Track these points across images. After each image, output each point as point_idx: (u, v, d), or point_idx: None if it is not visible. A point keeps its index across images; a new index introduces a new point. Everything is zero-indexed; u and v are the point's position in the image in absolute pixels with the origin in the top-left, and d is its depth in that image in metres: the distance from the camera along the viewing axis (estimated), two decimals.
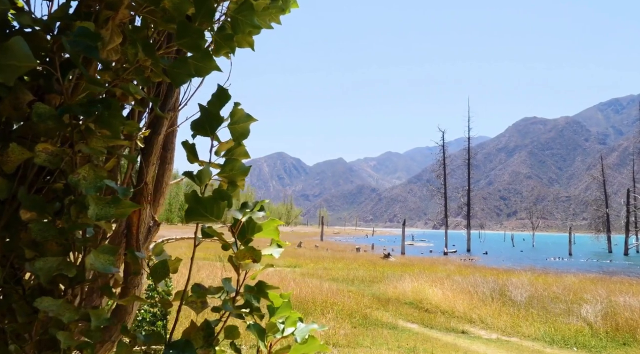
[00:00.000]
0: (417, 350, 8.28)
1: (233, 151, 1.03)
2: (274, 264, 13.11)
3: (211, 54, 1.02)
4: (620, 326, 10.79)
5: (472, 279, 17.37)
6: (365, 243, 64.20)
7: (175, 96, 1.36)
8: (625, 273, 29.20)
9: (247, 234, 0.97)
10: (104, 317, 0.88)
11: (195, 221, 0.94)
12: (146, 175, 1.30)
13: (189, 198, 0.91)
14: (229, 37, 1.06)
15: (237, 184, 1.03)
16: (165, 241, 2.14)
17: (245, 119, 1.04)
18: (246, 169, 1.04)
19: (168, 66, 0.98)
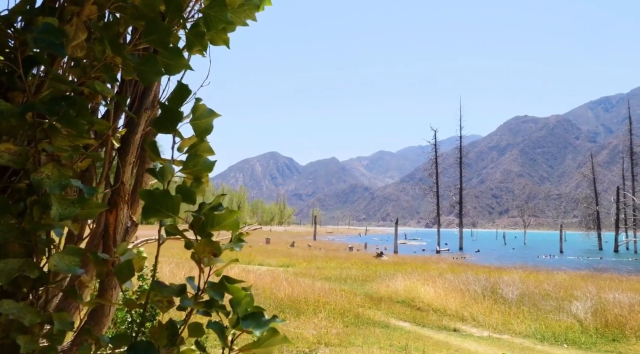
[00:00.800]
0: (408, 349, 8.29)
1: (197, 147, 1.01)
2: (268, 264, 13.30)
3: (181, 52, 1.01)
4: (609, 323, 10.87)
5: (464, 277, 17.43)
6: (358, 242, 64.27)
7: (153, 94, 1.34)
8: (615, 269, 29.45)
9: (206, 228, 0.95)
10: (68, 320, 0.86)
11: (152, 218, 0.92)
12: (123, 175, 1.28)
13: (143, 195, 0.90)
14: (200, 34, 1.04)
15: (202, 181, 1.01)
16: (144, 241, 2.12)
17: (207, 114, 1.02)
18: (210, 164, 1.02)
19: (136, 64, 0.96)
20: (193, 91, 1.56)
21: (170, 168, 0.96)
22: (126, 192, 1.30)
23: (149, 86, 1.30)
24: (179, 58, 0.99)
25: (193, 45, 1.06)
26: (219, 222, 0.96)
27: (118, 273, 0.93)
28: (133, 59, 0.96)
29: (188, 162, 0.99)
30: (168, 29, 0.94)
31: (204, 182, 1.02)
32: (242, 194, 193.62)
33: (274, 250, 36.12)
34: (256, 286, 13.74)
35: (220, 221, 0.96)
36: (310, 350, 8.09)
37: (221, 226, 0.97)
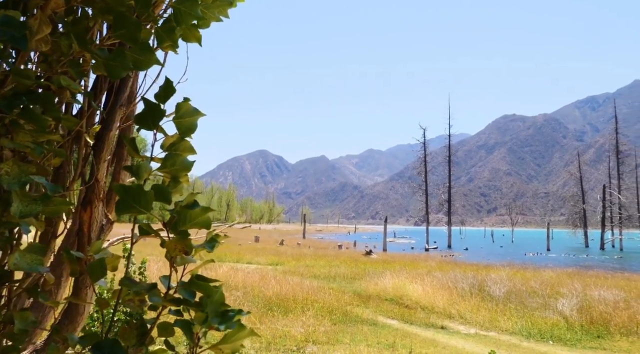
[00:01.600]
0: (396, 346, 8.32)
1: (177, 146, 0.99)
2: (257, 263, 13.24)
3: (151, 47, 0.99)
4: (594, 319, 11.00)
5: (452, 275, 17.53)
6: (347, 240, 64.38)
7: (128, 91, 1.32)
8: (601, 267, 29.81)
9: (179, 226, 0.93)
10: (30, 319, 0.84)
11: (126, 214, 0.90)
12: (97, 172, 1.26)
13: (117, 189, 0.88)
14: (170, 29, 1.03)
15: (180, 180, 1.00)
16: (120, 239, 2.09)
17: (191, 113, 1.00)
18: (189, 164, 1.00)
19: (104, 59, 0.94)
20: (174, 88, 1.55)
21: (147, 166, 0.94)
22: (101, 189, 1.28)
23: (124, 83, 1.28)
24: (149, 54, 0.97)
25: (163, 41, 1.04)
26: (191, 220, 0.95)
27: (90, 272, 0.92)
28: (102, 54, 0.95)
29: (166, 160, 0.98)
30: (137, 23, 0.92)
31: (182, 181, 1.00)
32: (232, 192, 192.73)
33: (263, 248, 36.05)
34: (244, 285, 13.71)
35: (193, 218, 0.95)
36: (298, 348, 8.09)
37: (193, 223, 0.95)
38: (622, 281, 18.76)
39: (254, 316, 9.78)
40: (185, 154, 1.00)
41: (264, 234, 72.92)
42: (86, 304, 1.28)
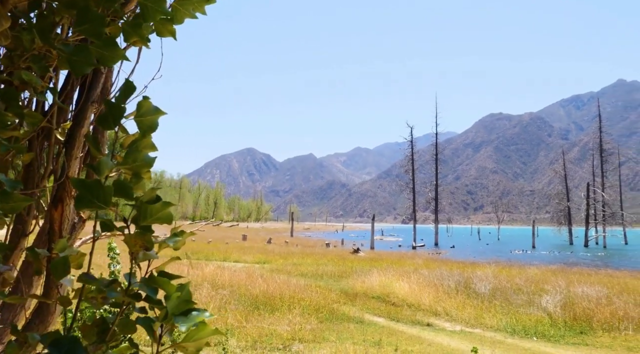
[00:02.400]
0: (382, 343, 8.35)
1: (138, 143, 0.98)
2: (244, 261, 13.20)
3: (116, 42, 0.97)
4: (577, 316, 11.15)
5: (438, 272, 17.63)
6: (335, 238, 64.47)
7: (100, 87, 1.30)
8: (585, 264, 30.23)
9: (139, 221, 0.92)
10: None
11: (85, 209, 0.89)
12: (68, 169, 1.24)
13: (75, 184, 0.87)
14: (137, 24, 1.01)
15: (142, 176, 0.98)
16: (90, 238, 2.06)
17: (152, 112, 0.99)
18: (151, 160, 0.99)
19: (68, 54, 0.92)
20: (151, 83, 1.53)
21: (107, 162, 0.93)
22: (72, 187, 1.25)
23: (95, 79, 1.26)
24: (114, 49, 0.96)
25: (130, 36, 1.03)
26: (152, 215, 0.93)
27: (53, 270, 0.90)
28: (66, 49, 0.93)
29: (127, 157, 0.96)
30: (101, 18, 0.90)
31: (144, 178, 0.99)
32: (219, 190, 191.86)
33: (250, 247, 35.97)
34: (231, 283, 13.66)
35: (153, 213, 0.93)
36: (284, 346, 8.08)
37: (154, 218, 0.94)
38: (605, 277, 19.03)
39: (240, 315, 9.74)
40: (147, 151, 0.99)
41: (252, 233, 72.72)
42: (57, 304, 1.26)
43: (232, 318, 9.43)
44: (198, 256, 26.14)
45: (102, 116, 0.94)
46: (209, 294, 11.59)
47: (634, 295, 13.62)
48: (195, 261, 21.59)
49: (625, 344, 9.46)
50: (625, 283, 16.84)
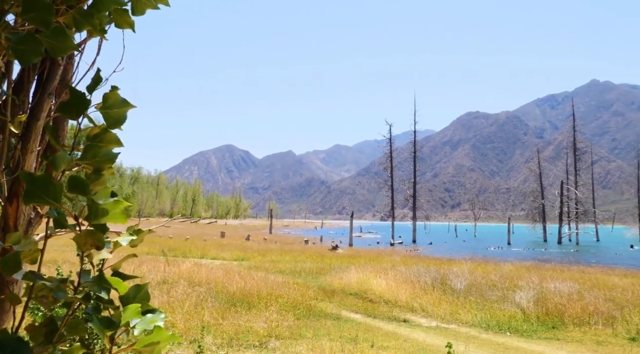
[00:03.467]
0: (358, 340, 8.39)
1: (101, 137, 0.95)
2: (222, 258, 13.08)
3: (67, 32, 0.94)
4: (550, 311, 11.38)
5: (415, 269, 17.80)
6: (314, 235, 64.53)
7: (58, 79, 1.25)
8: (558, 260, 30.86)
9: (90, 219, 0.89)
10: None
11: (34, 204, 0.86)
12: (24, 163, 1.19)
13: (24, 177, 0.83)
14: (89, 14, 0.98)
15: (103, 172, 0.95)
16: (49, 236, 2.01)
17: (120, 104, 0.96)
18: (113, 156, 0.96)
19: (14, 43, 0.89)
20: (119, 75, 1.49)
21: (64, 157, 0.90)
22: None
23: (53, 70, 1.22)
24: (64, 38, 0.92)
25: (82, 25, 0.99)
26: (104, 213, 0.90)
27: (3, 265, 0.87)
28: (13, 37, 0.89)
29: (87, 151, 0.93)
30: (48, 6, 0.87)
31: (104, 174, 0.96)
32: (197, 187, 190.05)
33: (228, 244, 35.75)
34: (208, 280, 13.56)
35: (105, 211, 0.90)
36: (260, 343, 8.05)
37: (106, 217, 0.91)
38: (577, 273, 19.47)
39: (217, 312, 9.67)
40: (110, 146, 0.96)
41: (230, 230, 72.27)
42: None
43: (208, 315, 9.35)
44: (175, 253, 25.87)
45: (65, 104, 0.91)
46: (186, 291, 11.48)
47: (604, 290, 13.96)
48: (172, 258, 21.34)
49: (594, 339, 9.70)
50: (596, 279, 17.26)
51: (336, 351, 7.34)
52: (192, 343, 7.68)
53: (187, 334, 8.10)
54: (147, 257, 20.32)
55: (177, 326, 8.45)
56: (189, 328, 8.40)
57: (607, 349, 8.94)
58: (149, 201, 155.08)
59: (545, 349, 8.80)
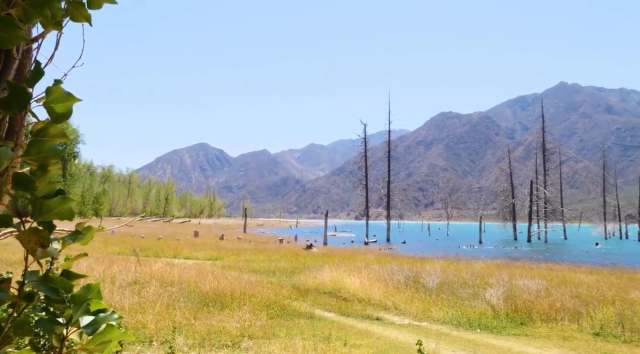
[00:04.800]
0: (331, 338, 8.42)
1: (45, 132, 0.93)
2: (195, 258, 12.94)
3: (15, 23, 0.92)
4: (518, 308, 11.64)
5: (389, 267, 17.96)
6: (288, 234, 64.44)
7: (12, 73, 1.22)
8: (527, 258, 31.58)
9: (35, 217, 0.87)
10: None
11: None
12: None
13: None
14: (39, 5, 0.96)
15: (49, 168, 0.94)
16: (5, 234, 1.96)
17: (65, 98, 0.94)
18: (59, 151, 0.94)
19: None
20: None
21: (6, 152, 0.87)
22: None
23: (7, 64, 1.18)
24: (13, 30, 0.90)
25: (32, 17, 0.97)
26: (49, 210, 0.89)
27: None
28: None
29: (31, 147, 0.91)
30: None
31: (50, 169, 0.94)
32: (170, 186, 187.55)
33: (202, 243, 35.40)
34: (180, 280, 13.40)
35: (51, 208, 0.89)
36: (233, 343, 8.01)
37: (52, 214, 0.89)
38: (545, 271, 19.96)
39: (189, 312, 9.58)
40: (56, 141, 0.94)
41: (204, 229, 71.54)
42: None
43: (180, 315, 9.25)
44: (147, 253, 25.49)
45: (4, 100, 0.89)
46: (157, 291, 11.32)
47: (570, 287, 14.35)
48: (144, 258, 21.00)
49: (561, 334, 9.97)
50: (564, 276, 17.72)
51: (309, 350, 7.36)
52: (163, 344, 7.58)
53: (158, 335, 7.99)
54: (118, 258, 19.96)
55: (148, 327, 8.33)
56: (160, 328, 8.30)
57: (573, 344, 9.19)
58: (121, 199, 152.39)
59: (513, 346, 8.99)
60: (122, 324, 7.12)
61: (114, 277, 13.27)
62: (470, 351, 8.47)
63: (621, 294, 13.29)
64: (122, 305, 9.63)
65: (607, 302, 12.07)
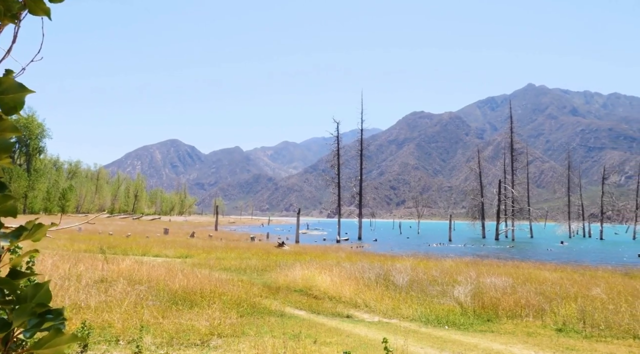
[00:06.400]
0: (301, 336, 8.43)
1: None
2: (165, 256, 12.74)
3: None
4: (485, 305, 11.89)
5: (360, 265, 18.07)
6: (260, 232, 64.18)
7: None
8: (495, 256, 32.27)
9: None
10: None
11: None
12: None
13: None
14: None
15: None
16: None
17: (16, 89, 0.91)
18: (9, 144, 0.91)
19: None
20: None
21: None
22: None
23: None
24: None
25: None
26: None
27: None
28: None
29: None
30: None
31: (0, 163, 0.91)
32: (140, 182, 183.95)
33: (172, 241, 34.91)
34: (149, 278, 13.19)
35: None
36: (202, 342, 7.93)
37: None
38: (512, 268, 20.42)
39: (157, 311, 9.44)
40: (6, 135, 0.92)
41: (174, 226, 70.58)
42: None
43: (148, 314, 9.11)
44: (115, 250, 25.00)
45: None
46: (125, 290, 11.12)
47: (535, 284, 14.73)
48: (111, 256, 20.58)
49: (525, 330, 10.22)
50: (529, 273, 18.16)
51: (278, 348, 7.34)
52: (130, 343, 7.46)
53: (125, 334, 7.85)
54: (84, 255, 19.50)
55: (115, 326, 8.18)
56: (127, 327, 8.15)
57: (536, 340, 9.44)
58: (88, 196, 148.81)
59: (480, 342, 9.18)
60: (87, 323, 6.96)
61: (80, 275, 12.96)
62: (438, 347, 8.60)
63: (583, 290, 13.71)
64: (88, 304, 9.43)
65: (569, 299, 12.43)
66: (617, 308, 11.27)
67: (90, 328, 6.98)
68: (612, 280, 16.60)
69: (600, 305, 11.62)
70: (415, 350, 8.27)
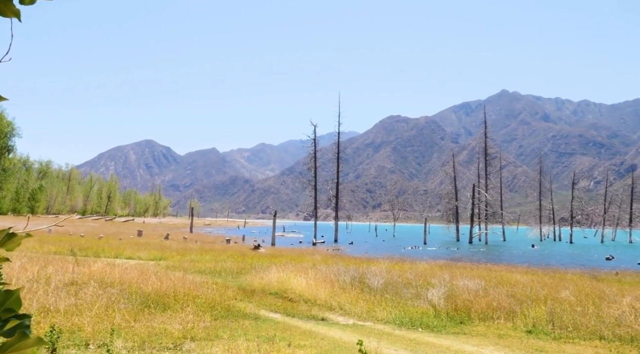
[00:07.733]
0: (275, 339, 8.41)
1: None
2: (138, 258, 12.58)
3: None
4: (458, 307, 12.05)
5: (335, 268, 18.11)
6: (236, 235, 63.72)
7: None
8: (468, 259, 32.74)
9: None
10: None
11: None
12: None
13: None
14: None
15: None
16: None
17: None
18: None
19: None
20: None
21: None
22: None
23: None
24: None
25: None
26: None
27: None
28: None
29: None
30: None
31: None
32: (114, 183, 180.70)
33: (146, 243, 34.38)
34: (121, 281, 12.97)
35: None
36: (175, 345, 7.84)
37: None
38: (485, 271, 20.75)
39: (129, 314, 9.29)
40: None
41: (148, 228, 69.51)
42: None
43: (120, 317, 8.96)
44: (87, 252, 24.51)
45: None
46: (96, 293, 10.91)
47: (507, 287, 15.00)
48: (82, 258, 20.17)
49: (497, 332, 10.41)
50: (501, 276, 18.49)
51: (252, 351, 7.31)
52: (100, 347, 7.33)
53: (95, 338, 7.71)
54: (54, 257, 19.08)
55: (85, 330, 8.02)
56: (97, 331, 8.00)
57: (507, 342, 9.62)
58: (59, 196, 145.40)
59: (452, 344, 9.30)
60: (56, 327, 6.81)
61: (49, 278, 12.66)
62: (411, 350, 8.69)
63: (553, 293, 14.02)
64: (57, 307, 9.22)
65: (539, 301, 12.70)
66: (585, 310, 11.56)
67: (60, 332, 6.82)
68: (580, 283, 17.02)
69: (568, 307, 11.89)
70: (388, 352, 8.33)
